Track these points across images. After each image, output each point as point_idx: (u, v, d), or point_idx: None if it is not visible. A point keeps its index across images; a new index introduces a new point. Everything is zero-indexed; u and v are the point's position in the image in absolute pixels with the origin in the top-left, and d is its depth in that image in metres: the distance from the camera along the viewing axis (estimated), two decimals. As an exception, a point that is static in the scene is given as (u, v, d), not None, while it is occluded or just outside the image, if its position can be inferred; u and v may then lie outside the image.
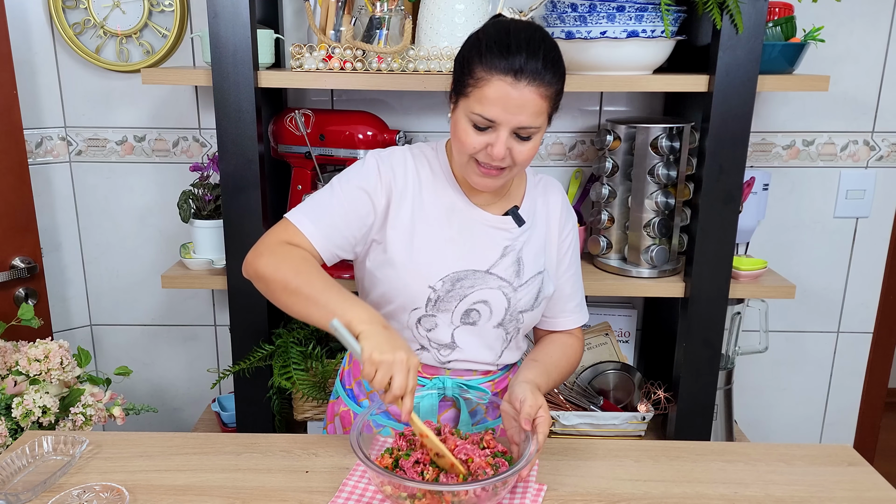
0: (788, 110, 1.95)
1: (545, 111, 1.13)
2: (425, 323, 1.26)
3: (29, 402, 1.48)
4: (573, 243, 1.37)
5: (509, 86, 1.09)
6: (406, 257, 1.23)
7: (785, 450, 1.24)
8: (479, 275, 1.25)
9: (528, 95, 1.10)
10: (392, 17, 1.63)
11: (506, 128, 1.12)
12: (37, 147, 1.94)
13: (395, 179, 1.24)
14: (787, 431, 2.21)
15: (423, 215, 1.24)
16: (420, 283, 1.23)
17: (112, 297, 2.11)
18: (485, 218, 1.27)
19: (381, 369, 1.00)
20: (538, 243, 1.31)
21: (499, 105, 1.10)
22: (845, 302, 2.10)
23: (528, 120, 1.12)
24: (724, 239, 1.63)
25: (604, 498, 1.09)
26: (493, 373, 1.34)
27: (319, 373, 1.68)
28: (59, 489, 1.07)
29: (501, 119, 1.11)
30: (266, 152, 1.70)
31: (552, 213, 1.34)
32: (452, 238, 1.25)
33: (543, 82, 1.10)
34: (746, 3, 1.48)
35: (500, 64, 1.09)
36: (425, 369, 1.31)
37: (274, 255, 1.16)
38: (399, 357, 1.01)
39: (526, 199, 1.31)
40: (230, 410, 1.93)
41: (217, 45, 1.52)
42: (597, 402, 1.86)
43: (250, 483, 1.11)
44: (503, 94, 1.10)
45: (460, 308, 1.25)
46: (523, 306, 1.28)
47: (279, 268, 1.14)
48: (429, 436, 1.05)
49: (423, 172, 1.27)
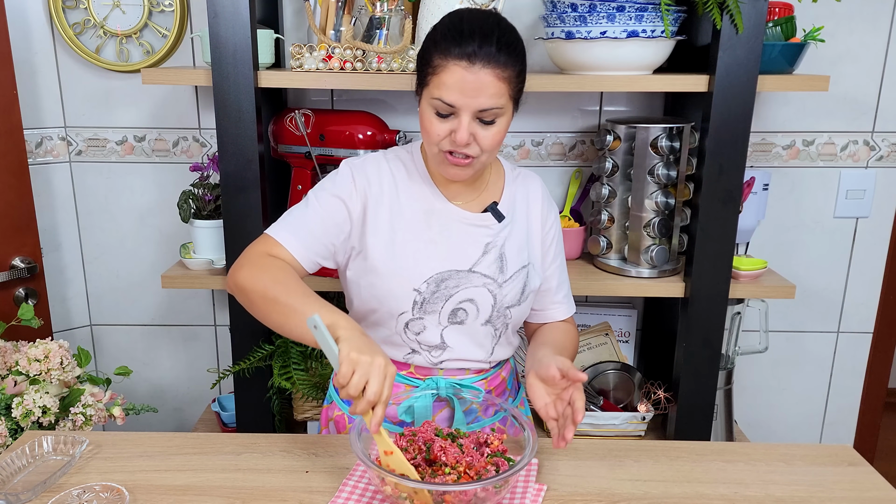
0: (788, 110, 1.95)
1: (505, 93, 1.14)
2: (413, 326, 1.26)
3: (29, 402, 1.48)
4: (556, 235, 1.37)
5: (464, 70, 1.11)
6: (388, 262, 1.23)
7: (785, 450, 1.24)
8: (462, 274, 1.25)
9: (485, 78, 1.11)
10: (392, 17, 1.63)
11: (467, 112, 1.13)
12: (37, 147, 1.94)
13: (370, 186, 1.25)
14: (787, 431, 2.21)
15: (402, 219, 1.25)
16: (404, 286, 1.23)
17: (112, 297, 2.11)
18: (464, 216, 1.27)
19: (359, 370, 0.98)
20: (520, 237, 1.31)
21: (456, 89, 1.12)
22: (845, 302, 2.10)
23: (487, 101, 1.12)
24: (724, 239, 1.63)
25: (604, 498, 1.09)
26: (486, 371, 1.34)
27: (319, 373, 1.68)
28: (59, 489, 1.07)
29: (460, 103, 1.12)
30: (266, 152, 1.70)
31: (533, 206, 1.34)
32: (433, 239, 1.25)
33: (499, 64, 1.11)
34: (746, 3, 1.48)
35: (454, 50, 1.11)
36: (418, 370, 1.31)
37: (253, 267, 1.17)
38: (378, 361, 0.99)
39: (505, 194, 1.32)
40: (230, 410, 1.93)
41: (217, 45, 1.52)
42: (597, 402, 1.86)
43: (250, 483, 1.11)
44: (459, 79, 1.11)
45: (447, 308, 1.25)
46: (510, 301, 1.28)
47: (258, 278, 1.15)
48: (394, 452, 1.02)
49: (399, 176, 1.28)
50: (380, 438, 1.02)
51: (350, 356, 0.98)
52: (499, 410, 1.28)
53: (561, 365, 1.12)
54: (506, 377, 1.39)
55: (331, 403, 1.41)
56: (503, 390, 1.39)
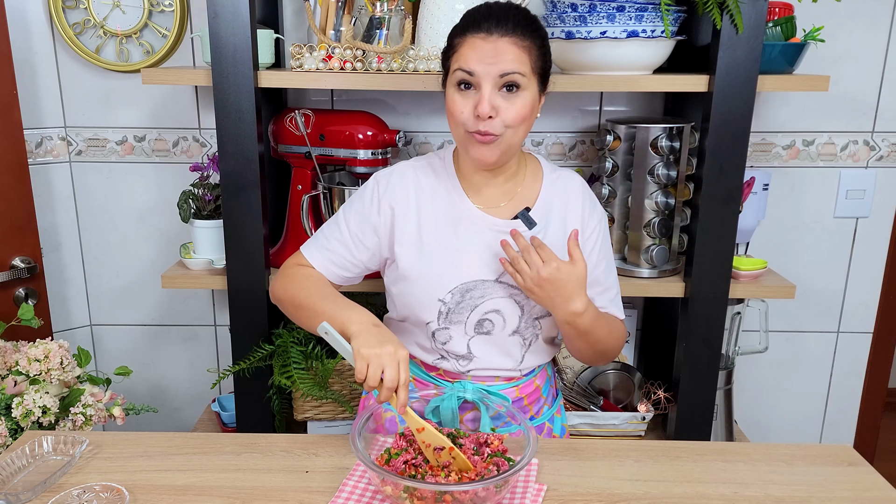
0: (788, 110, 1.95)
1: (526, 62, 1.14)
2: (440, 336, 1.26)
3: (29, 402, 1.48)
4: (601, 238, 1.32)
5: (482, 40, 1.13)
6: (416, 272, 1.24)
7: (785, 450, 1.24)
8: (487, 284, 1.24)
9: (503, 45, 1.12)
10: (392, 17, 1.63)
11: (488, 81, 1.13)
12: (37, 147, 1.94)
13: (396, 197, 1.26)
14: (787, 431, 2.21)
15: (430, 228, 1.25)
16: (430, 296, 1.24)
17: (112, 297, 2.11)
18: (493, 223, 1.25)
19: (372, 363, 1.03)
20: (554, 244, 1.24)
21: (474, 58, 1.13)
22: (845, 302, 2.10)
23: (507, 66, 1.13)
24: (724, 239, 1.63)
25: (604, 498, 1.09)
26: (517, 378, 1.33)
27: (320, 372, 1.68)
28: (59, 489, 1.07)
29: (479, 69, 1.13)
30: (266, 152, 1.70)
31: (571, 209, 1.29)
32: (460, 248, 1.24)
33: (517, 34, 1.13)
34: (746, 3, 1.48)
35: (471, 28, 1.15)
36: (447, 374, 1.31)
37: (283, 278, 1.29)
38: (387, 350, 1.04)
39: (541, 199, 1.28)
40: (230, 410, 1.93)
41: (217, 45, 1.52)
42: (597, 402, 1.86)
43: (250, 483, 1.11)
44: (478, 48, 1.13)
45: (472, 318, 1.25)
46: (539, 312, 1.27)
47: (287, 287, 1.27)
48: (426, 428, 1.05)
49: (427, 183, 1.27)
50: (408, 417, 1.07)
51: (361, 352, 1.04)
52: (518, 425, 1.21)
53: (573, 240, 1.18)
54: (540, 385, 1.37)
55: (368, 393, 1.42)
56: (537, 398, 1.36)
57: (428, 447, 1.06)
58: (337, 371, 1.74)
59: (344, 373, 1.77)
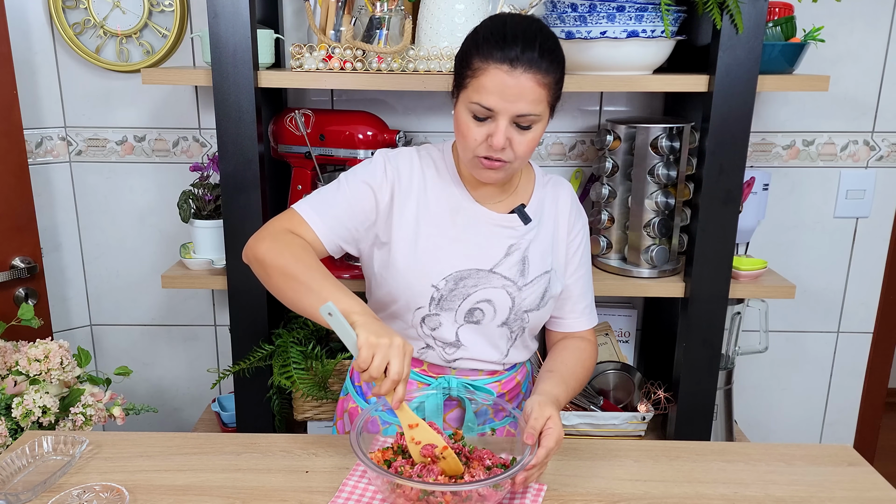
0: (788, 110, 1.95)
1: (544, 99, 1.14)
2: (429, 322, 1.26)
3: (29, 402, 1.48)
4: (582, 244, 1.36)
5: (506, 74, 1.10)
6: (410, 257, 1.23)
7: (785, 450, 1.24)
8: (482, 274, 1.25)
9: (526, 83, 1.10)
10: (392, 17, 1.63)
11: (505, 116, 1.13)
12: (37, 147, 1.94)
13: (400, 178, 1.26)
14: (787, 431, 2.21)
15: (427, 215, 1.25)
16: (423, 282, 1.23)
17: (112, 297, 2.11)
18: (490, 216, 1.27)
19: (379, 353, 1.01)
20: (545, 242, 1.30)
21: (496, 93, 1.11)
22: (845, 302, 2.10)
23: (526, 107, 1.12)
24: (724, 239, 1.63)
25: (604, 498, 1.09)
26: (500, 373, 1.33)
27: (320, 372, 1.68)
28: (59, 489, 1.07)
29: (499, 107, 1.12)
30: (266, 152, 1.70)
31: (561, 212, 1.33)
32: (457, 237, 1.25)
33: (540, 70, 1.11)
34: (746, 3, 1.48)
35: (496, 53, 1.10)
36: (431, 368, 1.31)
37: (276, 241, 1.18)
38: (396, 341, 1.02)
39: (534, 198, 1.31)
40: (230, 410, 1.93)
41: (217, 45, 1.52)
42: (597, 402, 1.86)
43: (250, 483, 1.12)
44: (500, 83, 1.10)
45: (464, 307, 1.25)
46: (528, 305, 1.28)
47: (281, 253, 1.15)
48: (420, 424, 1.05)
49: (429, 173, 1.28)
50: (402, 413, 1.06)
51: (369, 340, 1.01)
52: (507, 416, 1.26)
53: (531, 423, 1.08)
54: (521, 381, 1.38)
55: (346, 395, 1.42)
56: (517, 394, 1.38)
57: (417, 444, 1.06)
58: (337, 371, 1.74)
59: (344, 373, 1.77)
